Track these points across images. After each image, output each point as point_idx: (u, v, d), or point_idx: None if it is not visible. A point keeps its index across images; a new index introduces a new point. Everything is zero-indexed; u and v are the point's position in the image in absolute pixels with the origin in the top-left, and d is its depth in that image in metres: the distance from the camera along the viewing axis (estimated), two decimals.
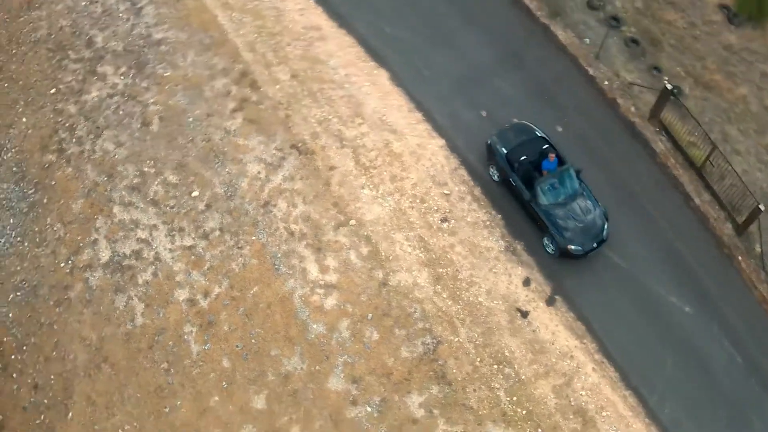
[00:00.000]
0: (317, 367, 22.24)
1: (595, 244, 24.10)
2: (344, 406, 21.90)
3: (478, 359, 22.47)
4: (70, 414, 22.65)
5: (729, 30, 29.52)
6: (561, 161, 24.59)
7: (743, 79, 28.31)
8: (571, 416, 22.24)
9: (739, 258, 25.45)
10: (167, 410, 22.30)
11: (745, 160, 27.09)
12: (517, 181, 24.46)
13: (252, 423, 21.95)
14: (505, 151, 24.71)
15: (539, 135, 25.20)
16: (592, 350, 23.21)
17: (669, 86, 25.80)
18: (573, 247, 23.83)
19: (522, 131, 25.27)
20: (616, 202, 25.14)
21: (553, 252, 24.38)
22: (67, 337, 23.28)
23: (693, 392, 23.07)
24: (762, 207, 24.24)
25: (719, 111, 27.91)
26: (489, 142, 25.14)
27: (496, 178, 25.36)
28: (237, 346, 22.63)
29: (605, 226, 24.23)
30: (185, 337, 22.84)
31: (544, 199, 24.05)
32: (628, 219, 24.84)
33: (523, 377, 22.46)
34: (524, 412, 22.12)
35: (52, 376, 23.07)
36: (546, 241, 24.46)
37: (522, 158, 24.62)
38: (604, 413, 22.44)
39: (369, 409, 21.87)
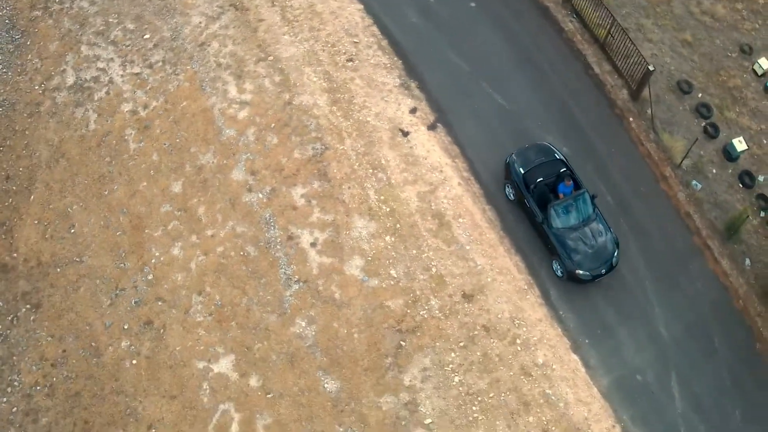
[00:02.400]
0: (225, 162, 26.94)
1: (603, 270, 24.15)
2: (242, 193, 26.46)
3: (357, 164, 26.75)
4: (32, 197, 27.71)
5: None
6: (577, 186, 24.85)
7: None
8: (429, 218, 25.96)
9: (630, 119, 28.08)
10: (106, 193, 27.24)
11: (656, 47, 29.42)
12: (531, 202, 24.67)
13: (169, 203, 26.69)
14: (523, 171, 24.94)
15: (558, 158, 25.32)
16: (462, 169, 26.90)
17: None
18: (581, 272, 23.99)
19: (541, 152, 25.41)
20: (515, 63, 28.38)
21: (561, 275, 24.60)
22: (35, 140, 28.54)
23: None
24: (651, 67, 26.64)
25: (638, 7, 30.03)
26: (507, 160, 25.56)
27: (511, 197, 25.81)
28: (165, 144, 27.54)
29: (616, 253, 24.32)
30: (126, 137, 27.88)
31: (557, 222, 24.25)
32: (524, 77, 27.85)
33: (392, 181, 26.48)
34: (388, 209, 26.00)
35: (20, 169, 28.23)
36: (555, 264, 24.65)
37: (538, 180, 24.76)
38: (460, 220, 25.95)
39: (260, 195, 26.35)
